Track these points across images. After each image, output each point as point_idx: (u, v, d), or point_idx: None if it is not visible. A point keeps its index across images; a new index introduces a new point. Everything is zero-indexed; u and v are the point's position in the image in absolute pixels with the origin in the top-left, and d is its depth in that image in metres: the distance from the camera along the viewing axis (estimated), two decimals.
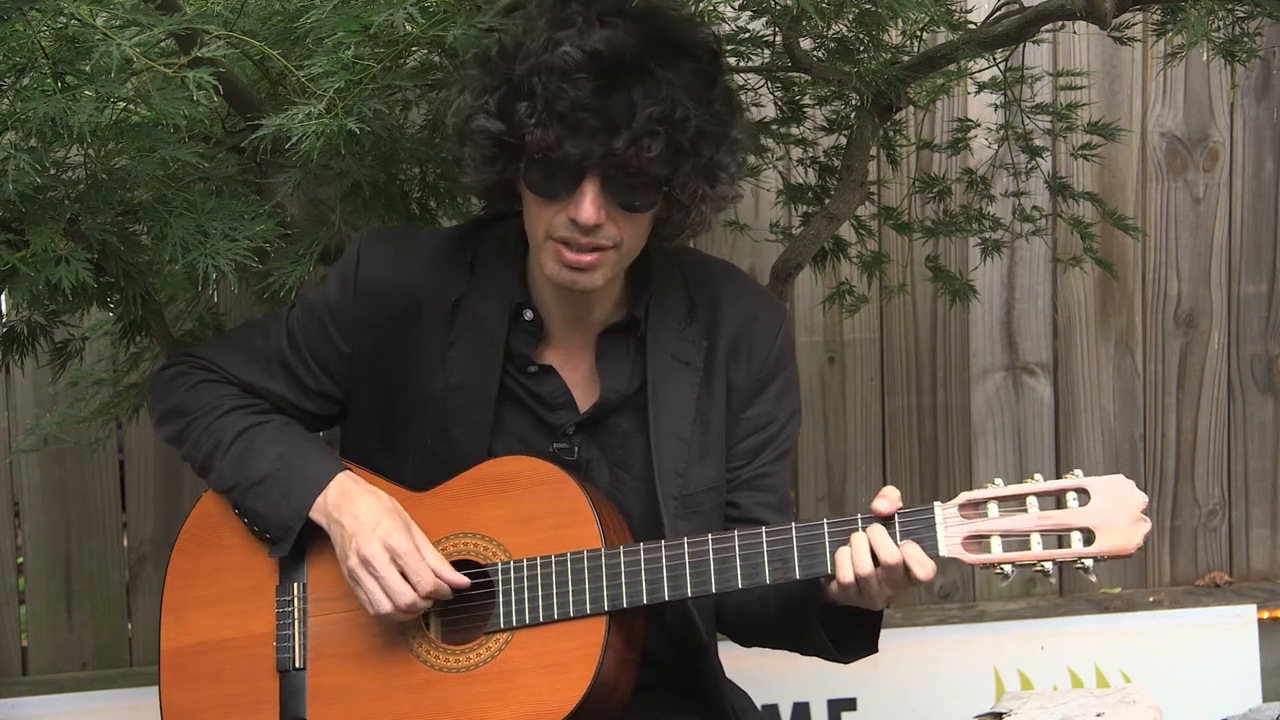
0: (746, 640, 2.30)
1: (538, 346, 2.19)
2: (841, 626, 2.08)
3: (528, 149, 2.00)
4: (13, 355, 2.48)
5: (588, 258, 2.03)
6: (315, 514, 2.13)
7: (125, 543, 3.47)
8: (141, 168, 2.22)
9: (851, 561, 1.96)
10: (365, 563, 2.06)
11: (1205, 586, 3.72)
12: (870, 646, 2.13)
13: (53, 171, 2.20)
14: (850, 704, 3.35)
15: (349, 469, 2.17)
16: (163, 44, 2.22)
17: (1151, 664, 3.43)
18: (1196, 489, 3.73)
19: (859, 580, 1.96)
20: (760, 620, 2.22)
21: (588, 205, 1.99)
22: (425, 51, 2.29)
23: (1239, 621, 3.52)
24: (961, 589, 3.67)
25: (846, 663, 2.14)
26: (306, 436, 2.23)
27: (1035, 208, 3.17)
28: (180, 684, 2.19)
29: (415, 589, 2.05)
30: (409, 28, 2.07)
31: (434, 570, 2.06)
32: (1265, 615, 3.56)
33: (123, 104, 2.22)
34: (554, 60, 1.95)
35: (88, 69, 2.06)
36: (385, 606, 2.05)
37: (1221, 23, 2.58)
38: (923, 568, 1.95)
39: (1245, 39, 2.62)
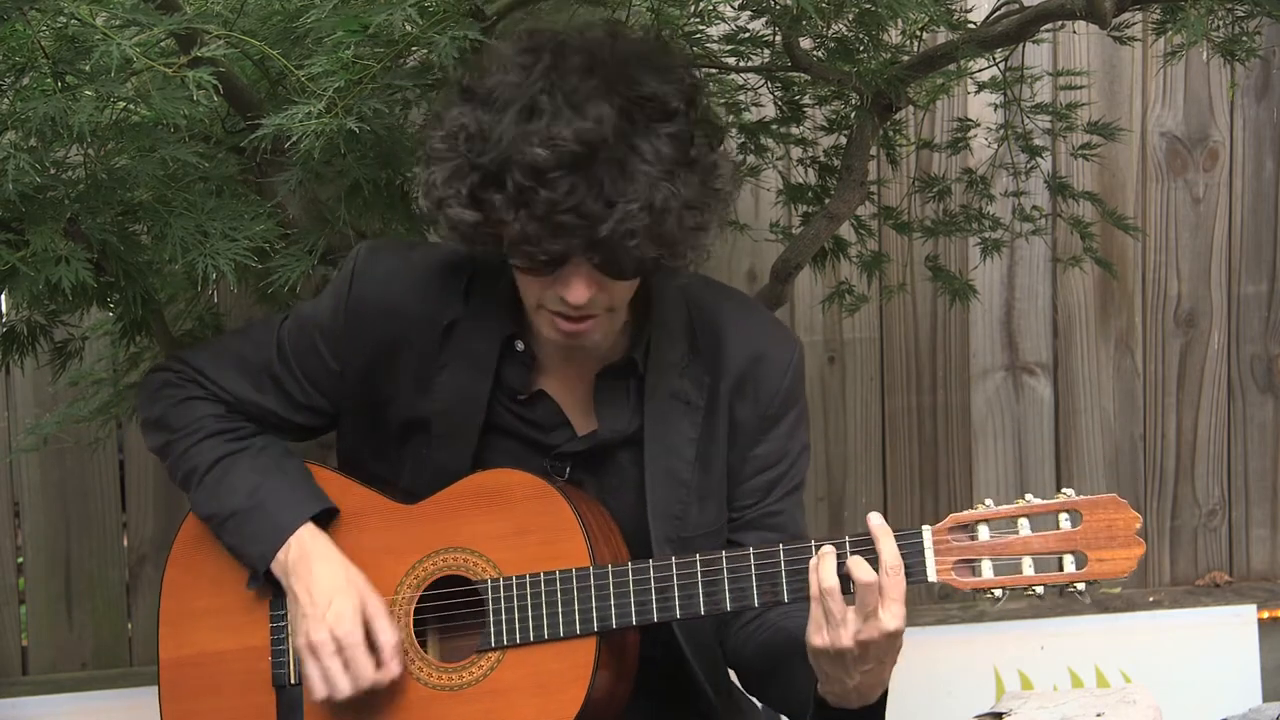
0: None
1: (529, 377, 2.14)
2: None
3: (507, 238, 1.93)
4: (13, 355, 2.48)
5: (583, 326, 1.99)
6: (275, 569, 2.12)
7: (125, 543, 3.47)
8: (141, 168, 2.22)
9: (818, 576, 1.92)
10: (311, 649, 2.06)
11: (1205, 586, 3.72)
12: None
13: (53, 171, 2.20)
14: None
15: (319, 510, 2.13)
16: (163, 44, 2.22)
17: (1151, 664, 3.43)
18: (1196, 489, 3.73)
19: (827, 613, 1.91)
20: (759, 691, 2.21)
21: (578, 289, 1.93)
22: (425, 51, 2.29)
23: (1239, 621, 3.52)
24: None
25: None
26: (281, 466, 2.19)
27: (1035, 208, 3.17)
28: (179, 697, 2.20)
29: (353, 683, 2.05)
30: (408, 28, 2.07)
31: (381, 659, 2.05)
32: (1265, 615, 3.56)
33: (123, 104, 2.22)
34: (525, 158, 1.85)
35: (88, 69, 2.06)
36: (321, 694, 2.06)
37: (1221, 22, 2.58)
38: (894, 619, 1.88)
39: (1245, 39, 2.63)
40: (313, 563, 2.10)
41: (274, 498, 2.15)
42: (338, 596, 2.07)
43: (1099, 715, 2.66)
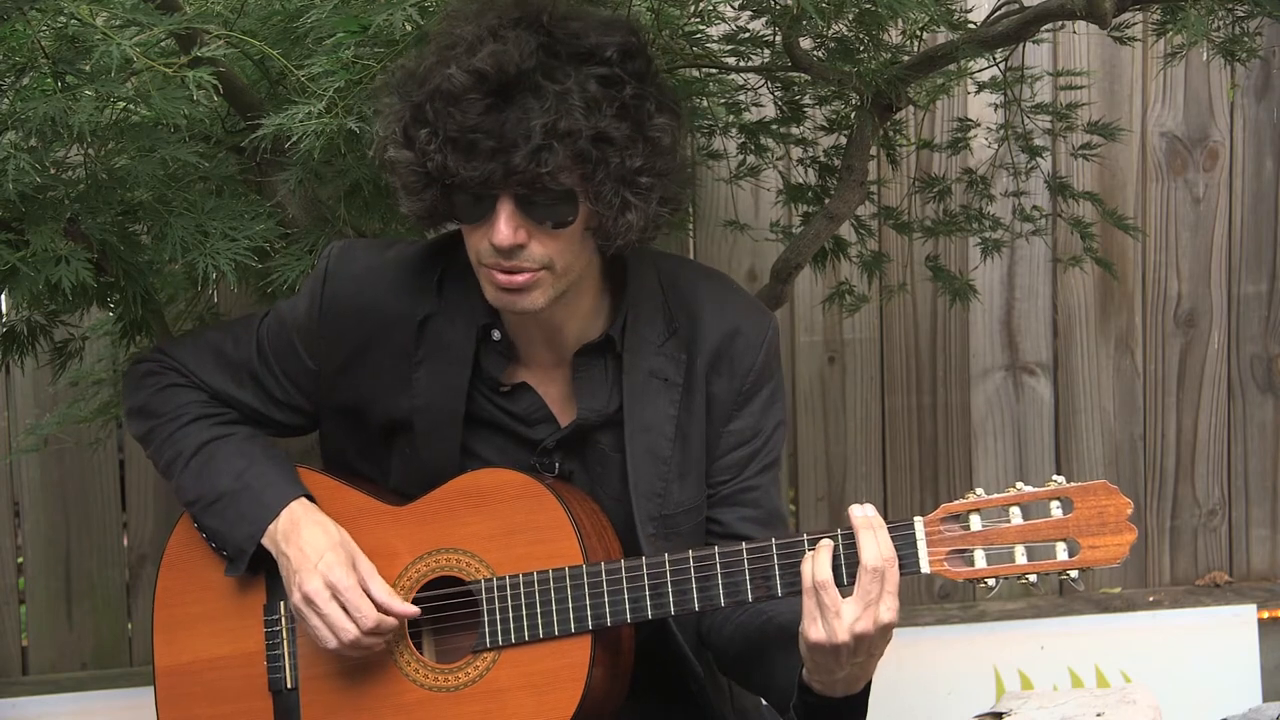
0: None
1: (508, 367, 2.14)
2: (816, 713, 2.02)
3: (436, 176, 1.96)
4: (13, 355, 2.49)
5: (519, 278, 1.98)
6: (266, 541, 2.12)
7: (125, 543, 3.47)
8: (141, 168, 2.22)
9: (812, 569, 1.93)
10: (307, 600, 2.06)
11: (1205, 586, 3.72)
12: None
13: (53, 171, 2.21)
14: None
15: (306, 496, 2.14)
16: (163, 44, 2.22)
17: (1151, 664, 3.44)
18: (1196, 489, 3.73)
19: (820, 595, 1.91)
20: (739, 675, 2.20)
21: (501, 227, 1.93)
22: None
23: (1239, 621, 3.52)
24: (961, 589, 3.67)
25: None
26: (268, 453, 2.20)
27: (1035, 208, 3.17)
28: (176, 703, 2.20)
29: (357, 625, 2.04)
30: (408, 28, 2.07)
31: (379, 604, 2.05)
32: (1265, 615, 3.56)
33: (123, 104, 2.23)
34: (443, 84, 1.90)
35: (88, 69, 2.07)
36: (330, 643, 2.05)
37: (1221, 22, 2.58)
38: (888, 611, 1.90)
39: (1245, 39, 2.63)
40: (303, 528, 2.11)
41: (261, 480, 2.15)
42: (329, 552, 2.08)
43: (1099, 715, 2.66)
